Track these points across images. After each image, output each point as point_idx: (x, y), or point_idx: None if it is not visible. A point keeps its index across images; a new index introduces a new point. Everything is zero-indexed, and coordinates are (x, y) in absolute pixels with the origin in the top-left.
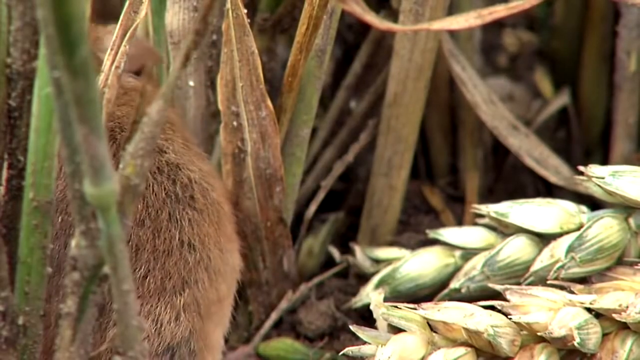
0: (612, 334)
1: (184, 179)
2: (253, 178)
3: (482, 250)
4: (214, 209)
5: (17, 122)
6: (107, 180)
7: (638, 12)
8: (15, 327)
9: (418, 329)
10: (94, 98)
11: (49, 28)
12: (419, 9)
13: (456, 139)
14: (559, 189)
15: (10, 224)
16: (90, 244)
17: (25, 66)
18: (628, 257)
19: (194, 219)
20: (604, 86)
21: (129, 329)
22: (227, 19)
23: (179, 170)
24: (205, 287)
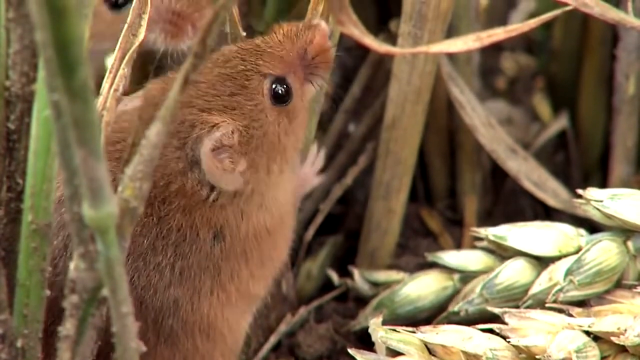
0: (611, 357)
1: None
2: None
3: (481, 274)
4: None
5: (16, 144)
6: (106, 203)
7: (637, 36)
8: (14, 350)
9: (416, 352)
10: (93, 120)
11: (47, 50)
12: (417, 32)
13: (455, 162)
14: (557, 212)
15: (8, 247)
16: (88, 266)
17: (24, 89)
18: (627, 280)
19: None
20: (603, 109)
21: (127, 352)
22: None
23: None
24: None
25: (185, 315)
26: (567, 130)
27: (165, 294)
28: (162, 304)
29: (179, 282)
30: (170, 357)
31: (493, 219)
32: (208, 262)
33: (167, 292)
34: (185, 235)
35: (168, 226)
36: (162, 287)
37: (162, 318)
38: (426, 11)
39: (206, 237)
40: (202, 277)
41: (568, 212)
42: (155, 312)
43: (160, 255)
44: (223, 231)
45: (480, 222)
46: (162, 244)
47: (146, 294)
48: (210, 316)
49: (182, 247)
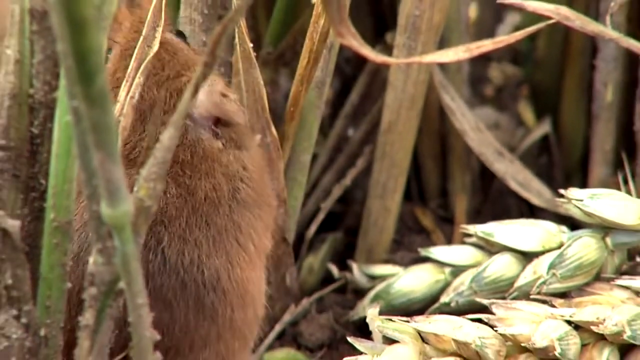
0: (591, 344)
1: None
2: None
3: (470, 267)
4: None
5: (39, 148)
6: (122, 202)
7: (614, 47)
8: (37, 338)
9: (410, 340)
10: (110, 126)
11: (68, 60)
12: (411, 43)
13: (446, 164)
14: (541, 210)
15: (32, 243)
16: (106, 261)
17: (47, 96)
18: (605, 274)
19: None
20: (583, 115)
21: (142, 340)
22: (236, 53)
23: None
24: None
25: (224, 285)
26: (549, 135)
27: (207, 266)
28: (204, 278)
29: (215, 251)
30: (208, 334)
31: (481, 217)
32: (230, 223)
33: (208, 263)
34: (211, 201)
35: (197, 198)
36: (203, 260)
37: (203, 295)
38: (420, 24)
39: (226, 195)
40: (229, 240)
41: (551, 210)
42: (197, 289)
43: (196, 230)
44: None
45: (470, 219)
46: (195, 218)
47: (189, 274)
48: (243, 281)
49: (210, 215)
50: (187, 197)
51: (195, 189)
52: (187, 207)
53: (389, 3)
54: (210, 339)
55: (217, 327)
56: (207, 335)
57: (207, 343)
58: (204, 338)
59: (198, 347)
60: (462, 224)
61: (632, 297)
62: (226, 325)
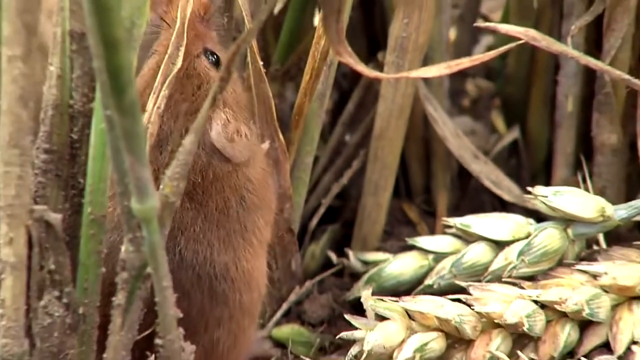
0: (554, 321)
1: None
2: None
3: (450, 254)
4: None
5: (78, 151)
6: (150, 198)
7: (575, 64)
8: (77, 316)
9: (399, 317)
10: (139, 133)
11: (102, 76)
12: (399, 61)
13: (429, 165)
14: (511, 205)
15: (72, 233)
16: (136, 249)
17: (85, 107)
18: (567, 260)
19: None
20: (547, 123)
21: (167, 318)
22: (248, 70)
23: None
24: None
25: (233, 275)
26: (518, 140)
27: (217, 262)
28: (215, 272)
29: (224, 249)
30: (221, 315)
31: (460, 211)
32: (237, 224)
33: (218, 259)
34: (221, 210)
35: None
36: (214, 257)
37: (215, 284)
38: (407, 44)
39: (235, 203)
40: (237, 238)
41: (520, 205)
42: (210, 281)
43: (208, 234)
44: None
45: (450, 213)
46: (208, 224)
47: (203, 269)
48: (248, 269)
49: (220, 220)
50: (200, 209)
51: (207, 203)
52: (200, 216)
53: (380, 26)
54: (223, 320)
55: (229, 309)
56: (221, 317)
57: (221, 323)
58: (217, 319)
59: (212, 326)
60: (443, 217)
61: (590, 280)
62: (236, 307)
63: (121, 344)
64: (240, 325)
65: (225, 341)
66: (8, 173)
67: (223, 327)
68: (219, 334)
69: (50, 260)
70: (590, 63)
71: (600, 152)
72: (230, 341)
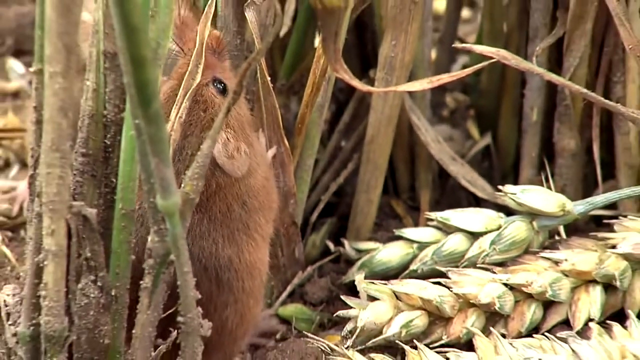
0: (522, 301)
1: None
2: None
3: (432, 244)
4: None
5: (111, 155)
6: (173, 196)
7: (539, 80)
8: (109, 297)
9: (388, 298)
10: (164, 138)
11: (131, 90)
12: (388, 77)
13: (414, 167)
14: (484, 201)
15: (105, 226)
16: (161, 239)
17: (116, 116)
18: (532, 248)
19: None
20: (515, 131)
21: (188, 298)
22: (258, 84)
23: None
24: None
25: (236, 265)
26: (490, 145)
27: (222, 256)
28: (220, 264)
29: (229, 245)
30: (227, 299)
31: (440, 206)
32: (240, 223)
33: (223, 254)
34: (225, 213)
35: (213, 212)
36: (219, 252)
37: (221, 274)
38: (394, 63)
39: (237, 207)
40: (240, 235)
41: (491, 201)
42: (216, 271)
43: (213, 232)
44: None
45: (431, 208)
46: (213, 225)
47: (209, 261)
48: (251, 260)
49: (224, 221)
50: (205, 212)
51: (212, 208)
52: (205, 218)
53: (371, 47)
54: (229, 302)
55: (234, 294)
56: (227, 300)
57: (228, 305)
58: (224, 302)
59: (221, 308)
60: (426, 211)
61: (552, 265)
62: (240, 292)
63: (148, 321)
64: (245, 306)
65: (233, 319)
66: (50, 174)
67: (230, 308)
68: (227, 314)
69: (87, 249)
70: (552, 79)
71: (561, 155)
72: (238, 319)
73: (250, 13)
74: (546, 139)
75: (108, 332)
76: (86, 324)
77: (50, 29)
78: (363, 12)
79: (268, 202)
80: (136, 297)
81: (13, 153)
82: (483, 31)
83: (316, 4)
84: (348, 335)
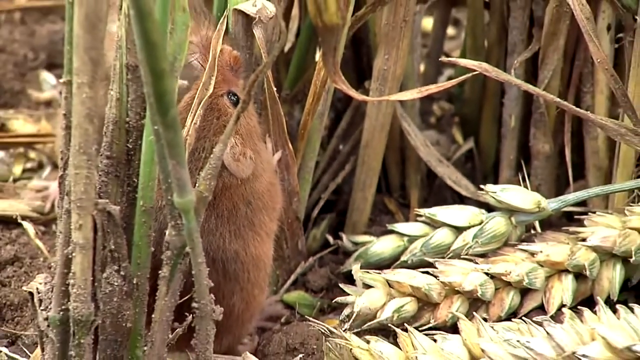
0: (501, 289)
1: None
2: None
3: (421, 237)
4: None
5: (133, 157)
6: (188, 194)
7: (517, 90)
8: (131, 285)
9: (381, 286)
10: (180, 143)
11: (151, 99)
12: (381, 87)
13: (405, 168)
14: (467, 199)
15: (128, 221)
16: (177, 233)
17: (138, 122)
18: (511, 241)
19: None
20: (495, 136)
21: (201, 286)
22: (264, 94)
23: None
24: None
25: (242, 258)
26: (473, 149)
27: (228, 249)
28: (227, 256)
29: (235, 239)
30: (233, 289)
31: (428, 203)
32: (246, 221)
33: (229, 248)
34: (231, 211)
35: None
36: (226, 246)
37: (228, 266)
38: (387, 75)
39: (242, 206)
40: (246, 231)
41: (474, 199)
42: (223, 263)
43: (220, 228)
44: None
45: (420, 205)
46: (221, 221)
47: (217, 254)
48: (256, 253)
49: (231, 218)
50: (213, 210)
51: (219, 206)
52: (213, 215)
53: (366, 61)
54: (236, 291)
55: (239, 284)
56: (234, 289)
57: (234, 292)
58: (231, 290)
59: (228, 296)
60: (415, 208)
61: (529, 257)
62: (246, 282)
63: (166, 307)
64: (250, 294)
65: (239, 306)
66: (78, 174)
67: (236, 296)
68: (234, 301)
69: (111, 241)
70: (528, 89)
71: (536, 158)
72: (244, 306)
73: (257, 30)
74: (523, 143)
75: (130, 317)
76: (110, 309)
77: (78, 45)
78: (359, 29)
79: (272, 203)
80: (155, 284)
81: (45, 156)
82: (466, 47)
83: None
84: (346, 319)
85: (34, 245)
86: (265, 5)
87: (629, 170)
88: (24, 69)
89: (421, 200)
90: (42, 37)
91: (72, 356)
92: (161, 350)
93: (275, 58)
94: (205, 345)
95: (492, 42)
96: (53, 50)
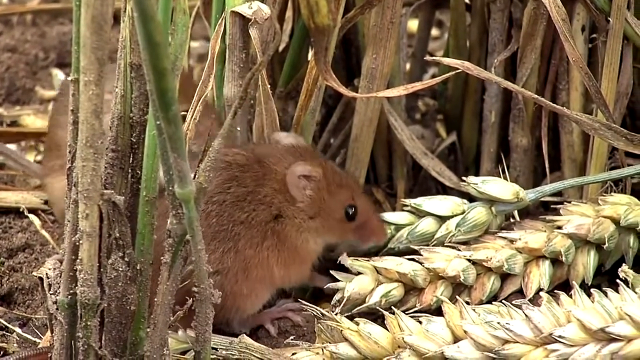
0: (482, 274)
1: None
2: None
3: (407, 226)
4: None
5: (136, 150)
6: (188, 185)
7: (497, 87)
8: (135, 270)
9: (370, 272)
10: (181, 137)
11: (153, 95)
12: (370, 85)
13: (391, 161)
14: (451, 189)
15: (132, 211)
16: (178, 222)
17: (141, 118)
18: (491, 229)
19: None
20: (476, 131)
21: (201, 272)
22: (259, 91)
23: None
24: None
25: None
26: (455, 143)
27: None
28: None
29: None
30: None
31: (413, 194)
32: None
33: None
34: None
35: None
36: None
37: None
38: (375, 73)
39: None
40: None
41: (457, 189)
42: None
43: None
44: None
45: (406, 195)
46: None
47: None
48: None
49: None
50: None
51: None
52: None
53: (356, 60)
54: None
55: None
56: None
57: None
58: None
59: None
60: (402, 198)
61: (508, 244)
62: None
63: (167, 291)
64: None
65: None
66: (85, 166)
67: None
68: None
69: (116, 230)
70: (508, 86)
71: (515, 151)
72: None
73: (253, 31)
74: (502, 137)
75: (134, 300)
76: (115, 293)
77: (85, 45)
78: (349, 30)
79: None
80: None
81: None
82: (449, 47)
83: (309, 23)
84: (337, 304)
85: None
86: (261, 8)
87: (602, 162)
88: (35, 67)
89: (407, 191)
90: (52, 37)
91: (80, 337)
92: (163, 332)
93: (270, 57)
94: (205, 327)
95: (473, 43)
96: (62, 50)
